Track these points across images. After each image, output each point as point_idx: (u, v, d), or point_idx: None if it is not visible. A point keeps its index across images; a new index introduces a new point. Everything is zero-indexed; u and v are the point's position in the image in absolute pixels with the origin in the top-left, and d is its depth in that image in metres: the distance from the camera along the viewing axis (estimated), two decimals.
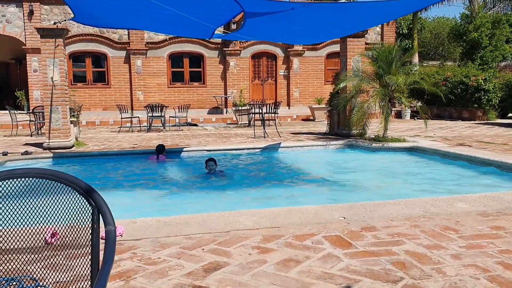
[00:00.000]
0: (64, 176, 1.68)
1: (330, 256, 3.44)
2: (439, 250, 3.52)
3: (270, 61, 20.80)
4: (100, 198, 1.65)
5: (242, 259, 3.38)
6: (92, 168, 8.85)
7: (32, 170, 1.69)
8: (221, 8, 5.85)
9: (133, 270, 3.20)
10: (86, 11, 6.75)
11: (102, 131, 14.99)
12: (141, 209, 5.96)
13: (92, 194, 1.65)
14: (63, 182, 1.67)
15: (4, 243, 1.77)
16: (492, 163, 7.67)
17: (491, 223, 4.24)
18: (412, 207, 4.75)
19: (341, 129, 12.22)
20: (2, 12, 17.96)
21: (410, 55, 12.87)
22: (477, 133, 12.37)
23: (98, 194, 1.67)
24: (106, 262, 1.53)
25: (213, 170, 7.72)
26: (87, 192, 1.65)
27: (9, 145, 11.08)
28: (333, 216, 4.45)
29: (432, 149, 9.33)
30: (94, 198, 1.64)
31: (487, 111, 16.86)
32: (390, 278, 3.03)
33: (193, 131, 14.61)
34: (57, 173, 1.69)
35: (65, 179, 1.68)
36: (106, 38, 18.95)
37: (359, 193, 6.62)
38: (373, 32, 21.41)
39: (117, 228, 3.85)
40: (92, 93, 19.25)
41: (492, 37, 21.99)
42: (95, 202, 1.64)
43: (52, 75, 10.03)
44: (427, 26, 27.78)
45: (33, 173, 1.67)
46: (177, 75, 20.04)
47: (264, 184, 7.51)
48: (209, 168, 7.71)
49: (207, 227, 4.11)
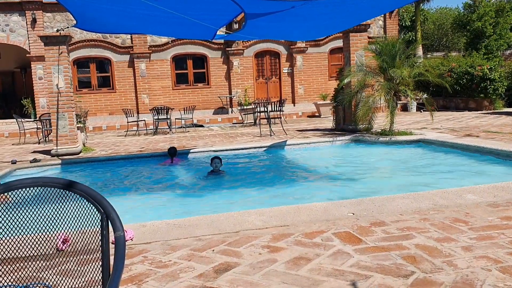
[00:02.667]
0: (72, 184, 1.70)
1: (340, 252, 3.44)
2: (450, 243, 3.51)
3: (273, 59, 20.78)
4: (108, 204, 1.67)
5: (252, 259, 3.39)
6: (100, 173, 8.91)
7: (41, 179, 1.71)
8: (222, 9, 5.86)
9: (145, 274, 3.22)
10: (88, 17, 6.78)
11: (109, 135, 15.06)
12: (151, 212, 5.99)
13: (101, 201, 1.66)
14: (72, 190, 1.69)
15: (17, 251, 1.80)
16: (501, 153, 7.62)
17: (501, 213, 4.21)
18: (421, 200, 4.73)
19: (347, 125, 12.19)
20: (5, 21, 18.09)
21: (414, 48, 12.81)
22: (484, 123, 12.29)
23: (107, 200, 1.68)
24: (117, 268, 1.54)
25: (218, 168, 7.77)
26: (95, 199, 1.67)
27: (18, 153, 11.17)
28: (342, 212, 4.45)
29: (440, 141, 9.28)
30: (102, 205, 1.66)
31: (494, 101, 16.73)
32: (401, 272, 3.03)
33: (199, 132, 14.64)
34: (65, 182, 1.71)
35: (73, 187, 1.69)
36: (110, 43, 19.03)
37: (368, 188, 6.60)
38: (376, 25, 21.32)
39: (127, 232, 3.88)
40: (98, 98, 19.34)
41: (496, 26, 21.82)
42: (104, 209, 1.65)
43: (57, 82, 10.10)
44: (430, 17, 27.59)
45: (42, 182, 1.69)
46: (181, 77, 20.09)
47: (271, 183, 7.51)
48: (215, 165, 7.75)
49: (216, 228, 4.13)
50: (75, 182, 1.71)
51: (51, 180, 1.72)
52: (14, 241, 1.77)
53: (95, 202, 1.67)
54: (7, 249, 1.79)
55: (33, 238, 1.80)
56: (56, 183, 1.71)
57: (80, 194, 1.69)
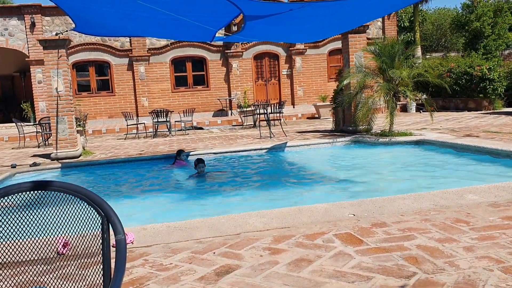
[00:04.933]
0: (73, 188, 1.69)
1: (342, 254, 3.43)
2: (451, 243, 3.50)
3: (272, 61, 20.80)
4: (109, 207, 1.66)
5: (254, 261, 3.38)
6: (100, 176, 8.89)
7: (41, 183, 1.70)
8: (220, 11, 5.85)
9: (146, 277, 3.21)
10: (87, 20, 6.77)
11: (109, 139, 15.06)
12: (151, 215, 5.98)
13: (101, 204, 1.66)
14: (72, 193, 1.68)
15: (17, 256, 1.79)
16: (501, 153, 7.61)
17: (503, 213, 4.20)
18: (422, 200, 4.72)
19: (347, 126, 12.19)
20: (4, 25, 18.10)
21: (413, 48, 12.82)
22: (484, 123, 12.29)
23: (107, 203, 1.68)
24: (118, 271, 1.54)
25: (202, 171, 7.77)
26: (96, 202, 1.66)
27: (18, 157, 11.16)
28: (343, 213, 4.44)
29: (440, 141, 9.27)
30: (103, 208, 1.65)
31: (493, 101, 16.75)
32: (403, 273, 3.02)
33: (199, 134, 14.64)
34: (66, 185, 1.70)
35: (73, 190, 1.68)
36: (109, 46, 19.04)
37: (368, 189, 6.59)
38: (374, 26, 21.34)
39: (128, 236, 3.87)
40: (97, 102, 19.34)
41: (495, 26, 21.85)
42: (104, 212, 1.65)
43: (57, 86, 10.10)
44: (428, 18, 27.65)
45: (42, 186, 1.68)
46: (180, 79, 20.10)
47: (272, 184, 7.50)
48: (199, 169, 7.76)
49: (217, 231, 4.11)
50: (75, 185, 1.70)
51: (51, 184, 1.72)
52: (14, 245, 1.77)
53: (96, 205, 1.67)
54: (7, 254, 1.78)
55: (34, 242, 1.79)
56: (55, 186, 1.70)
57: (80, 197, 1.68)
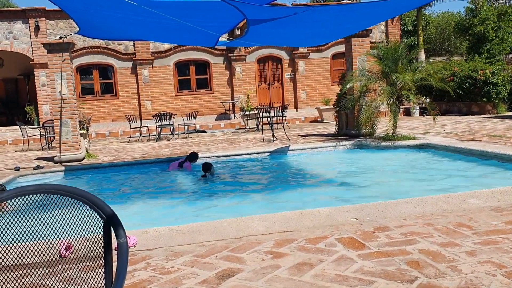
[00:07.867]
0: (75, 191, 1.70)
1: (344, 258, 3.42)
2: (454, 248, 3.49)
3: (275, 65, 20.81)
4: (111, 211, 1.67)
5: (256, 265, 3.38)
6: (103, 180, 8.91)
7: (43, 186, 1.72)
8: (224, 16, 5.87)
9: (148, 280, 3.22)
10: (91, 24, 6.81)
11: (112, 142, 15.09)
12: (153, 218, 5.98)
13: (103, 207, 1.67)
14: (74, 196, 1.69)
15: (19, 258, 1.79)
16: (504, 157, 7.59)
17: (505, 218, 4.19)
18: (424, 205, 4.71)
19: (350, 129, 12.18)
20: (9, 29, 18.19)
21: (416, 52, 12.82)
22: (488, 127, 12.26)
23: (109, 207, 1.69)
24: (120, 274, 1.54)
25: (210, 175, 7.84)
26: (98, 205, 1.67)
27: (21, 160, 11.20)
28: (345, 217, 4.44)
29: (443, 145, 9.26)
30: (105, 211, 1.66)
31: (497, 105, 16.71)
32: (405, 278, 3.01)
33: (202, 138, 14.66)
34: (67, 188, 1.71)
35: (76, 194, 1.69)
36: (112, 49, 19.11)
37: (371, 193, 6.58)
38: (378, 30, 21.35)
39: (130, 239, 3.88)
40: (101, 105, 19.39)
41: (498, 30, 21.78)
42: (106, 215, 1.65)
43: (61, 89, 10.14)
44: (432, 21, 27.60)
45: (44, 189, 1.69)
46: (184, 83, 20.14)
47: (274, 188, 7.50)
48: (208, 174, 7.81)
49: (219, 234, 4.12)
50: (77, 188, 1.71)
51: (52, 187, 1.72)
52: (17, 248, 1.78)
53: (98, 209, 1.67)
54: (10, 257, 1.79)
55: (36, 245, 1.80)
56: (57, 189, 1.71)
57: (82, 200, 1.69)
